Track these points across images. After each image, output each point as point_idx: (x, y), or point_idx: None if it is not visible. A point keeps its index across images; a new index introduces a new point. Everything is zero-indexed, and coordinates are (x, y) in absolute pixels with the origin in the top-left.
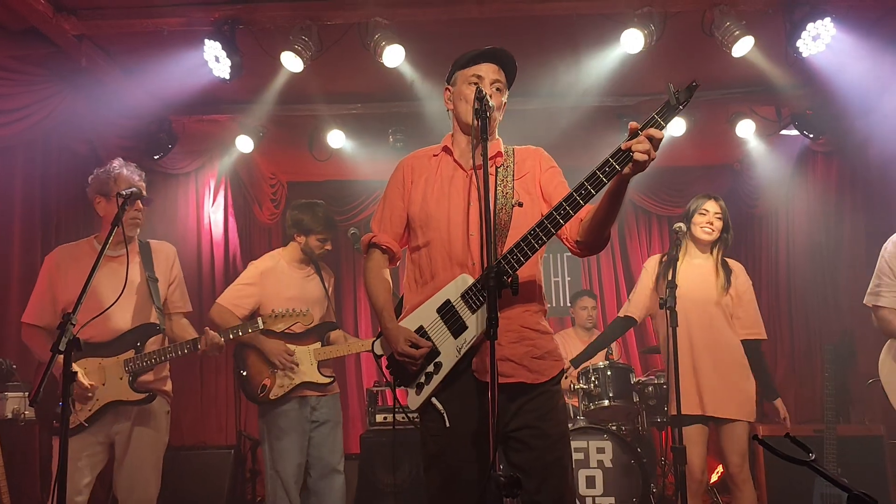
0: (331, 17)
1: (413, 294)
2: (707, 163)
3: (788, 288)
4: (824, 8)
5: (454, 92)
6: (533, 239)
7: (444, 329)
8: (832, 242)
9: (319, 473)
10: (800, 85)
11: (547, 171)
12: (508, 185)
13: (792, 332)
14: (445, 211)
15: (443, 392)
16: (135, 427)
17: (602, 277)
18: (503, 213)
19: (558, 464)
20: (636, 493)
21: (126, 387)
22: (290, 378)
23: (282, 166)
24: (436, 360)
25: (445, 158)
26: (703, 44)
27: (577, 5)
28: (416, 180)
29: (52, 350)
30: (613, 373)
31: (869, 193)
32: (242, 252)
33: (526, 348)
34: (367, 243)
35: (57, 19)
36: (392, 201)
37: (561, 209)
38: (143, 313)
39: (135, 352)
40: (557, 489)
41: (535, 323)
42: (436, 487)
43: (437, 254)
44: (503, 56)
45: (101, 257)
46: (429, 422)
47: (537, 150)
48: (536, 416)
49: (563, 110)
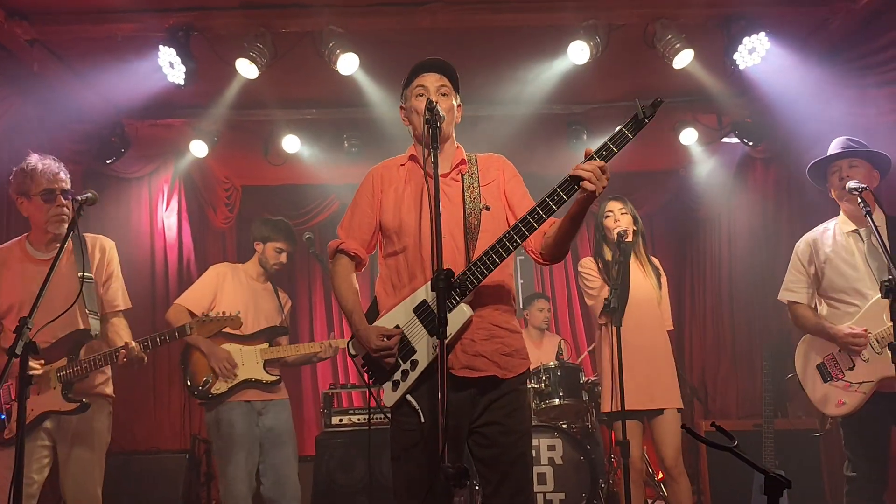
0: (285, 25)
1: (389, 297)
2: (653, 168)
3: (730, 288)
4: (759, 23)
5: (407, 108)
6: (501, 248)
7: (420, 328)
8: (771, 245)
9: (272, 481)
10: (739, 95)
11: (511, 181)
12: (475, 191)
13: (733, 332)
14: (416, 218)
15: (418, 389)
16: (76, 428)
17: (554, 280)
18: (473, 217)
19: (521, 460)
20: (585, 489)
21: (59, 397)
22: (235, 374)
23: (236, 170)
24: (412, 358)
25: (413, 167)
26: (647, 55)
27: (526, 17)
28: (386, 189)
29: (7, 354)
30: (563, 372)
31: (804, 198)
32: (196, 256)
33: (496, 345)
34: (334, 249)
35: (9, 24)
36: (362, 209)
37: (525, 222)
38: (74, 319)
39: (67, 360)
40: (518, 483)
41: (504, 321)
42: (405, 478)
43: (412, 258)
44: (441, 64)
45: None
46: (401, 416)
47: (500, 157)
48: (504, 413)
49: (514, 118)
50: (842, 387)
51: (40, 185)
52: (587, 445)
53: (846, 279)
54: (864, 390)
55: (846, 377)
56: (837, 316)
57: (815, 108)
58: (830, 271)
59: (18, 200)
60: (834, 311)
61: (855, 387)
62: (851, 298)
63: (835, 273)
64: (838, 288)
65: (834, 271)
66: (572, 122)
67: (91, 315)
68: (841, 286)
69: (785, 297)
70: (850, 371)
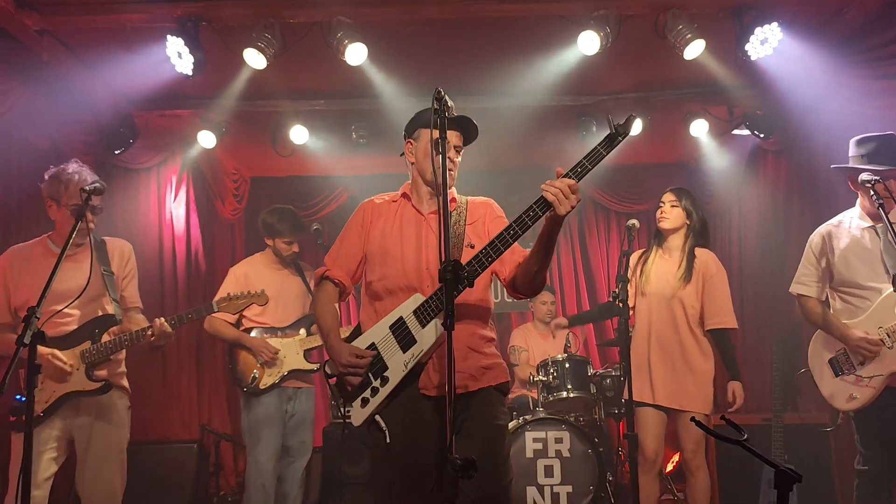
0: (293, 15)
1: (370, 321)
2: (663, 160)
3: (740, 282)
4: (771, 13)
5: (417, 148)
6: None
7: (394, 344)
8: (781, 238)
9: (288, 461)
10: (750, 86)
11: (494, 220)
12: (461, 228)
13: (743, 325)
14: (400, 249)
15: (388, 407)
16: (96, 422)
17: (562, 273)
18: (455, 250)
19: (499, 452)
20: (593, 482)
21: (82, 377)
22: (279, 368)
23: (244, 162)
24: (383, 375)
25: (404, 204)
26: (658, 45)
27: (535, 8)
28: (375, 221)
29: (16, 343)
30: (571, 365)
31: (815, 191)
32: (204, 247)
33: (473, 362)
34: (320, 276)
35: (19, 15)
36: (350, 240)
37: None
38: (96, 306)
39: (91, 342)
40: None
41: (480, 345)
42: (382, 491)
43: (393, 282)
44: (467, 124)
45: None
46: (373, 432)
47: (488, 201)
48: (479, 408)
49: (523, 109)
50: (853, 381)
51: (72, 198)
52: (595, 438)
53: (859, 274)
54: (875, 385)
55: (857, 371)
56: (849, 310)
57: (828, 100)
58: (843, 265)
59: (48, 203)
60: (846, 305)
61: (866, 381)
62: (864, 293)
63: (848, 267)
64: (851, 282)
65: (847, 265)
66: (582, 114)
67: (114, 303)
68: (854, 281)
69: (795, 290)
70: (861, 366)
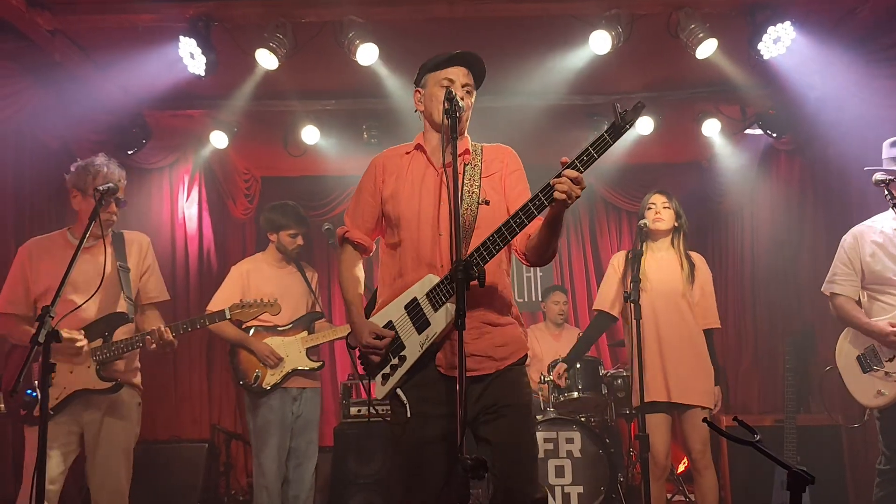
0: (305, 14)
1: (385, 289)
2: (675, 160)
3: (753, 282)
4: (784, 12)
5: (425, 94)
6: (499, 239)
7: (409, 325)
8: (794, 238)
9: (295, 463)
10: (763, 85)
11: (512, 174)
12: (475, 184)
13: (756, 325)
14: (416, 210)
15: (407, 383)
16: (105, 418)
17: (573, 273)
18: (468, 212)
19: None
20: (604, 482)
21: (93, 375)
22: (281, 367)
23: (256, 162)
24: (401, 354)
25: (417, 156)
26: (670, 45)
27: (546, 7)
28: (388, 178)
29: (31, 342)
30: (582, 365)
31: (828, 191)
32: (216, 247)
33: (487, 341)
34: (340, 236)
35: (30, 14)
36: (364, 198)
37: (517, 217)
38: (111, 303)
39: (102, 341)
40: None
41: (495, 318)
42: (402, 469)
43: (406, 254)
44: (472, 59)
45: (78, 252)
46: (395, 407)
47: (506, 149)
48: (502, 389)
49: (534, 108)
50: (881, 377)
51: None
52: (606, 439)
53: (890, 272)
54: None
55: (886, 367)
56: (879, 307)
57: (842, 100)
58: (875, 263)
59: (73, 193)
60: (875, 302)
61: (894, 376)
62: (894, 290)
63: (879, 265)
64: (881, 280)
65: (878, 263)
66: (593, 113)
67: (127, 300)
68: (884, 278)
69: (828, 290)
70: (889, 362)
